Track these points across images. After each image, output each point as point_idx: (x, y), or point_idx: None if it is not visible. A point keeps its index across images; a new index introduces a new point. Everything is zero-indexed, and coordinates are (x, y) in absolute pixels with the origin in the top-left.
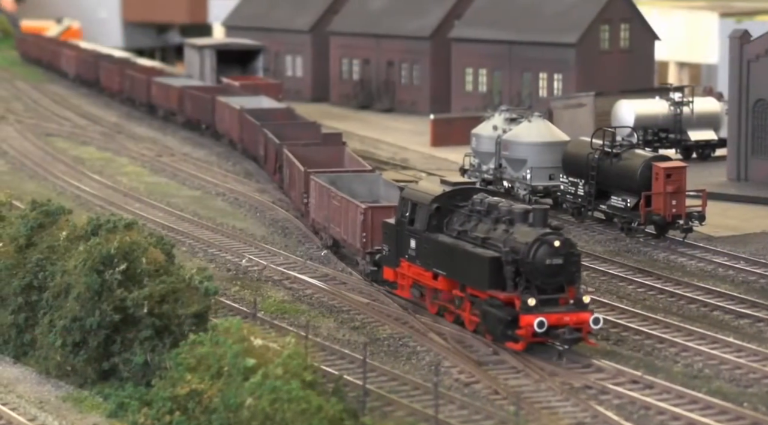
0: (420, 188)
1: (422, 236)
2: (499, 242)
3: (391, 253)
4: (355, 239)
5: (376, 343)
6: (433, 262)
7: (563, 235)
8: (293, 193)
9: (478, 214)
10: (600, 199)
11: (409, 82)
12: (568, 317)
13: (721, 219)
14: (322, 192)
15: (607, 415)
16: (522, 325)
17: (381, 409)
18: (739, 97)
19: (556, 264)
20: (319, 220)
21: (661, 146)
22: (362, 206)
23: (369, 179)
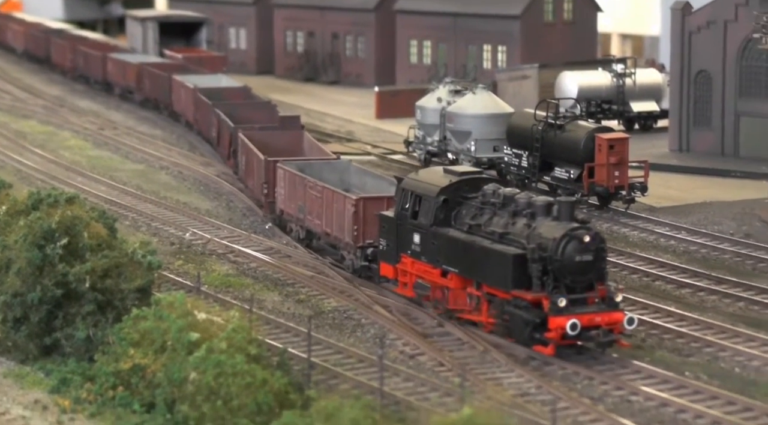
0: (422, 178)
1: (429, 230)
2: (520, 237)
3: (390, 248)
4: (343, 232)
5: (321, 316)
6: (443, 259)
7: (592, 229)
8: (251, 181)
9: (492, 206)
10: (544, 170)
11: (354, 55)
12: (599, 318)
13: (663, 190)
14: (296, 182)
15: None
16: (551, 328)
17: (326, 382)
18: (681, 69)
19: (586, 261)
20: (291, 211)
21: (604, 117)
22: (353, 198)
23: (340, 167)
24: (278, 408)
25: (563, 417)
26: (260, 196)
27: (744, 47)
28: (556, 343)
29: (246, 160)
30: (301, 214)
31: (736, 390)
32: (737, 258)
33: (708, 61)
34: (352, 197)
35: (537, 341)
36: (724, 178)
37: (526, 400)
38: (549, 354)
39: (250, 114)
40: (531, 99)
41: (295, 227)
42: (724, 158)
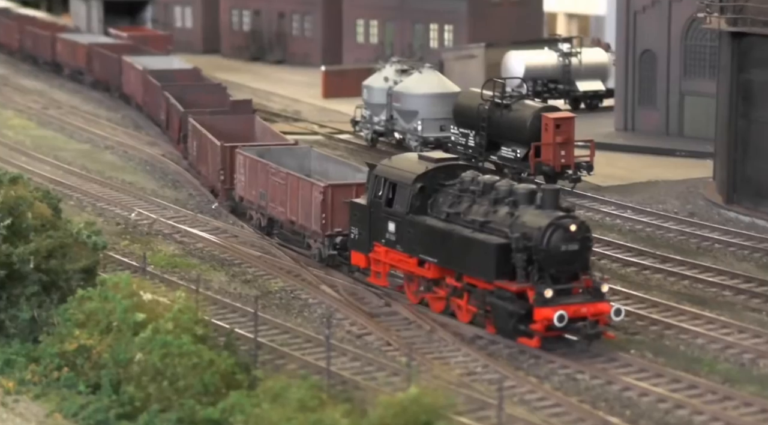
0: (396, 165)
1: (404, 219)
2: (503, 226)
3: (362, 237)
4: (309, 220)
5: (267, 296)
6: (420, 248)
7: (578, 218)
8: (204, 167)
9: (472, 194)
10: (490, 150)
11: (301, 34)
12: (585, 309)
13: (609, 169)
14: (257, 168)
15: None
16: (537, 319)
17: (273, 362)
18: (626, 49)
19: (571, 250)
20: (251, 198)
21: (551, 96)
22: (321, 185)
23: (300, 153)
24: (225, 388)
25: (510, 395)
26: (216, 182)
27: (688, 27)
28: (541, 335)
29: (198, 145)
30: (262, 201)
31: (681, 368)
32: (682, 237)
33: (653, 41)
34: (320, 184)
35: (521, 333)
36: (669, 157)
37: (473, 379)
38: (534, 346)
39: (201, 97)
40: (477, 78)
41: (255, 215)
42: (669, 137)
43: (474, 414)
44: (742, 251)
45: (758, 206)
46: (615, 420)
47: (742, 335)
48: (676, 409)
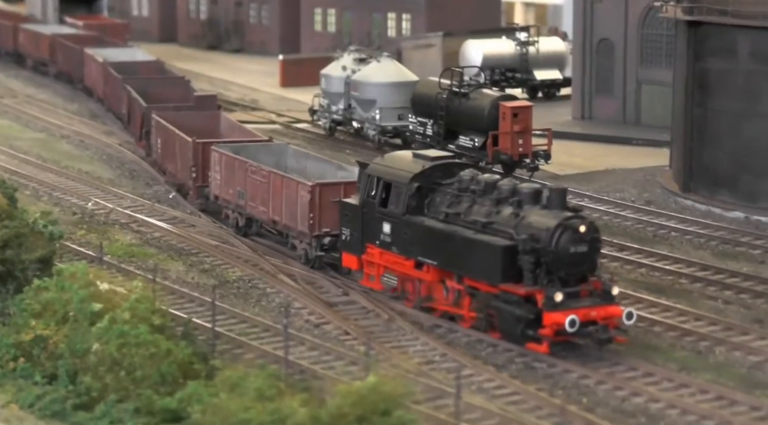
0: (390, 164)
1: (401, 219)
2: (507, 227)
3: (354, 238)
4: (295, 220)
5: (225, 286)
6: (418, 250)
7: (586, 218)
8: (172, 165)
9: (472, 194)
10: (449, 139)
11: (258, 23)
12: (595, 312)
13: (567, 158)
14: (234, 166)
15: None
16: (546, 324)
17: (231, 352)
18: (583, 37)
19: (581, 252)
20: (228, 197)
21: (508, 85)
22: (308, 184)
23: (277, 149)
24: (182, 378)
25: (468, 384)
26: (186, 180)
27: (645, 16)
28: (550, 340)
29: (164, 142)
30: (240, 200)
31: (637, 356)
32: (639, 225)
33: (610, 30)
34: (308, 183)
35: (529, 338)
36: (626, 146)
37: (432, 368)
38: (544, 352)
39: (163, 91)
40: (435, 67)
41: (232, 215)
42: (626, 125)
43: (432, 402)
44: (699, 239)
45: (714, 194)
46: (572, 407)
47: (698, 322)
48: (633, 397)
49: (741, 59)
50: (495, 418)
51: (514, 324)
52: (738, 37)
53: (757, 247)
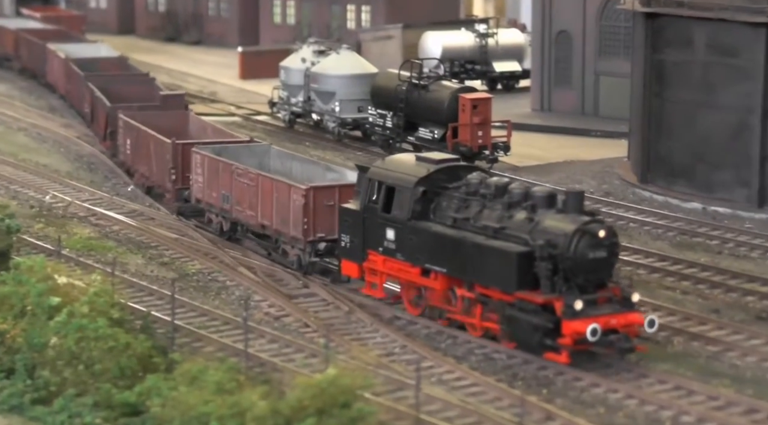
0: (393, 167)
1: (406, 225)
2: (521, 232)
3: (355, 245)
4: (287, 225)
5: (185, 279)
6: (425, 257)
7: (605, 222)
8: (144, 167)
9: (481, 197)
10: (408, 131)
11: (217, 15)
12: (615, 320)
13: (526, 149)
14: (219, 169)
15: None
16: (566, 333)
17: (190, 345)
18: (542, 29)
19: (600, 258)
20: (211, 201)
21: (468, 77)
22: (302, 187)
23: (259, 150)
24: (142, 371)
25: (428, 376)
26: (164, 183)
27: (603, 7)
28: (570, 350)
29: (135, 143)
30: (225, 204)
31: None
32: None
33: (568, 22)
34: (301, 186)
35: (548, 347)
36: (585, 137)
37: (391, 360)
38: (564, 362)
39: (127, 88)
40: (395, 59)
41: (216, 219)
42: (585, 117)
43: (392, 394)
44: (657, 230)
45: (672, 185)
46: (532, 398)
47: (656, 313)
48: (592, 387)
49: (697, 51)
50: (455, 410)
51: (531, 333)
52: (695, 28)
53: (714, 237)
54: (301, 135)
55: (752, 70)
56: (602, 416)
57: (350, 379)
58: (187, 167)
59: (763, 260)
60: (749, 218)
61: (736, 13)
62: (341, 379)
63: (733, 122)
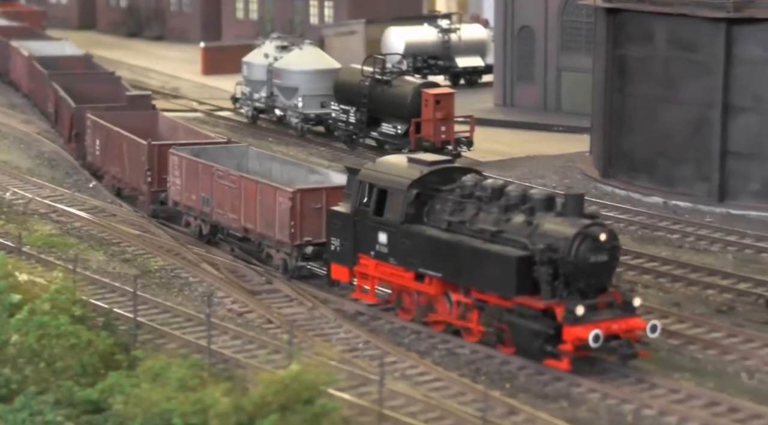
0: (384, 169)
1: (399, 229)
2: (520, 236)
3: (345, 249)
4: (272, 229)
5: (147, 275)
6: (419, 261)
7: (606, 225)
8: (116, 168)
9: (477, 200)
10: (371, 126)
11: (179, 10)
12: (617, 325)
13: (489, 144)
14: (198, 171)
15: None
16: (567, 339)
17: (153, 342)
18: (505, 25)
19: (601, 262)
20: (190, 204)
21: (431, 72)
22: (289, 190)
23: (237, 152)
24: (104, 369)
25: (391, 371)
26: (140, 185)
27: (565, 3)
28: (571, 356)
29: (106, 144)
30: (206, 207)
31: None
32: None
33: (531, 17)
34: (288, 189)
35: (548, 354)
36: (547, 132)
37: (355, 355)
38: (565, 369)
39: (92, 87)
40: (358, 55)
41: (194, 222)
42: (547, 112)
43: (356, 390)
44: (618, 225)
45: (633, 179)
46: (495, 393)
47: None
48: (555, 382)
49: (658, 46)
50: (418, 405)
51: (531, 339)
52: (655, 24)
53: (675, 231)
54: (264, 131)
55: (712, 65)
56: (565, 410)
57: (313, 375)
58: (163, 169)
59: (723, 253)
60: (709, 212)
61: (697, 9)
62: (304, 375)
63: (693, 117)
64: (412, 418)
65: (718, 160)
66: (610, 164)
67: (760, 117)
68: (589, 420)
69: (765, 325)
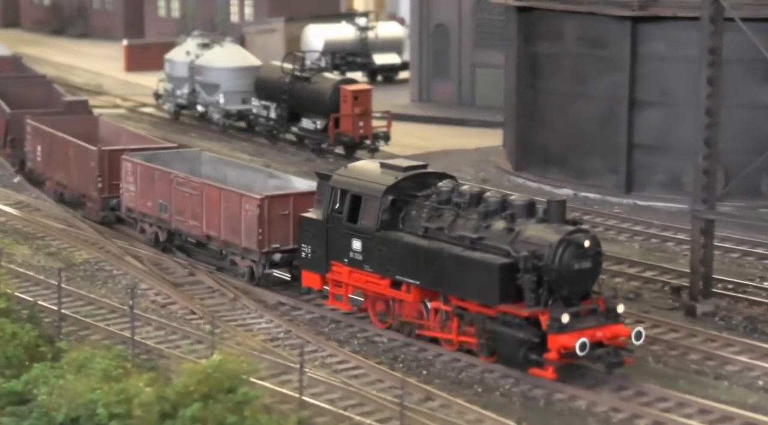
0: (357, 175)
1: (374, 236)
2: (501, 243)
3: (317, 256)
4: (238, 236)
5: (72, 268)
6: (396, 268)
7: (589, 231)
8: (60, 175)
9: (455, 206)
10: (292, 121)
11: (102, 8)
12: (601, 333)
13: (406, 138)
14: (154, 177)
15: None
16: (552, 348)
17: (77, 333)
18: (420, 23)
19: (585, 268)
20: (145, 210)
21: (349, 69)
22: (257, 197)
23: (189, 157)
24: (28, 360)
25: (311, 359)
26: (89, 191)
27: (478, 1)
28: (555, 364)
29: (49, 150)
30: (163, 214)
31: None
32: None
33: (445, 15)
34: (256, 196)
35: (533, 363)
36: (462, 127)
37: (276, 345)
38: (551, 378)
39: (23, 91)
40: (278, 52)
41: (150, 229)
42: (462, 107)
43: (277, 378)
44: None
45: (545, 172)
46: (412, 380)
47: None
48: (469, 368)
49: (568, 43)
50: (338, 392)
51: (515, 347)
52: (565, 22)
53: (584, 222)
54: (186, 126)
55: (619, 61)
56: (480, 395)
57: (235, 364)
58: (114, 175)
59: (630, 243)
60: (617, 203)
61: (604, 7)
62: (226, 364)
63: (602, 112)
64: (332, 405)
65: (625, 153)
66: (522, 157)
67: (664, 111)
68: (503, 404)
69: (671, 311)
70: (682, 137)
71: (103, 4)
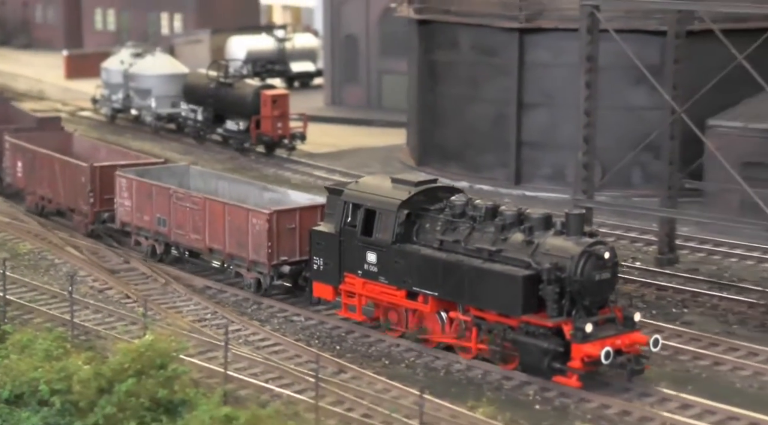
0: (371, 189)
1: (390, 248)
2: (521, 255)
3: (330, 268)
4: (245, 249)
5: (16, 258)
6: (414, 280)
7: (607, 243)
8: (45, 190)
9: (471, 220)
10: (217, 123)
11: (44, 21)
12: (620, 341)
13: (321, 138)
14: (152, 192)
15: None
16: (575, 356)
17: (21, 317)
18: (332, 34)
19: (604, 279)
20: (142, 224)
21: (268, 76)
22: (265, 212)
23: (178, 171)
24: None
25: (236, 338)
26: (78, 205)
27: (384, 14)
28: (579, 373)
29: (30, 166)
30: (161, 227)
31: None
32: None
33: (354, 27)
34: (264, 211)
35: (558, 371)
36: (371, 127)
37: (203, 325)
38: (576, 386)
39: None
40: (204, 61)
41: (146, 241)
42: (371, 109)
43: (204, 355)
44: None
45: (444, 167)
46: (326, 354)
47: None
48: (377, 343)
49: (463, 52)
50: (260, 366)
51: (539, 357)
52: (460, 33)
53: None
54: (122, 128)
55: (509, 68)
56: (387, 367)
57: (166, 343)
58: (105, 190)
59: None
60: (508, 193)
61: (495, 20)
62: (158, 344)
63: (494, 113)
64: (255, 378)
65: (514, 149)
66: (424, 153)
67: (548, 112)
68: (407, 374)
69: None
70: (564, 135)
71: (45, 18)
